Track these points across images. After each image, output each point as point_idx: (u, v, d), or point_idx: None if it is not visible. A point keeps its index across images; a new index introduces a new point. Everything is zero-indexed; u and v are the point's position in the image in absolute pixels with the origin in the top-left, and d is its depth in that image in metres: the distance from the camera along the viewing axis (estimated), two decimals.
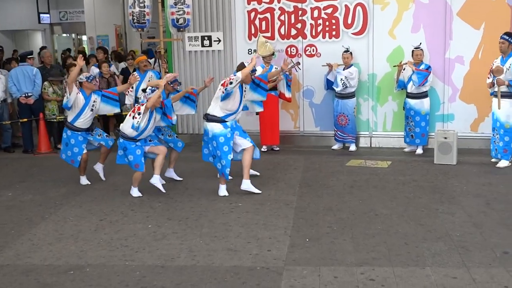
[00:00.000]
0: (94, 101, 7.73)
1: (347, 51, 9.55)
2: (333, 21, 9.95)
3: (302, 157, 9.22)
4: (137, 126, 6.89)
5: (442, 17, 9.51)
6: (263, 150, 9.50)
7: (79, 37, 22.89)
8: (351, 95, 9.62)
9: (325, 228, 5.84)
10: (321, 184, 7.60)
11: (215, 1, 10.43)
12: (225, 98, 6.98)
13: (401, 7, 9.66)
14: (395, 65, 9.40)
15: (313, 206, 6.62)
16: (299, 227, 5.90)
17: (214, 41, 10.51)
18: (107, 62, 11.69)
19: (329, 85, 9.71)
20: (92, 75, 8.03)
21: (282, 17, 10.16)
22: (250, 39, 10.30)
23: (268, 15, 10.22)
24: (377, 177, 7.88)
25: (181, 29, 9.68)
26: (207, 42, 10.55)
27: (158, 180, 7.18)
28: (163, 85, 7.19)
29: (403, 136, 9.60)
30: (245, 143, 7.14)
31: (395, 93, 9.67)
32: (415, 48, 9.25)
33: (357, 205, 6.59)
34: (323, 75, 9.72)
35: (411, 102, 9.26)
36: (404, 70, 9.27)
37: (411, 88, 9.18)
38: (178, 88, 7.71)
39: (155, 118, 7.19)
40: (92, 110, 7.75)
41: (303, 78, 10.15)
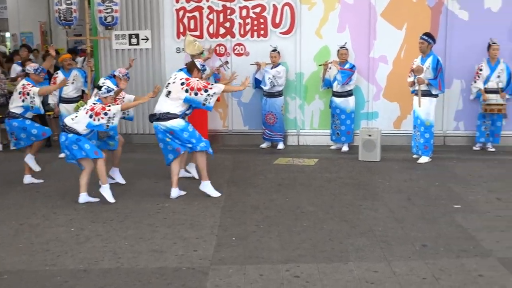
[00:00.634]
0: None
1: (274, 50, 9.64)
2: (261, 21, 10.02)
3: (230, 156, 9.24)
4: (97, 125, 6.65)
5: (366, 17, 9.76)
6: None
7: (1, 34, 21.99)
8: (279, 94, 9.71)
9: (252, 226, 5.87)
10: (249, 182, 7.64)
11: None
12: (189, 102, 6.81)
13: (328, 7, 9.85)
14: (321, 64, 9.57)
15: (241, 204, 6.64)
16: (226, 226, 5.90)
17: (142, 39, 10.38)
18: (31, 60, 11.30)
19: (257, 84, 9.77)
20: (40, 67, 7.94)
21: (210, 16, 10.15)
22: (178, 37, 10.23)
23: (196, 13, 10.18)
24: (304, 174, 8.00)
25: (109, 27, 9.50)
26: (134, 40, 10.39)
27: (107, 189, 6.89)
28: (147, 99, 7.17)
29: (330, 134, 9.79)
30: None
31: (322, 91, 9.84)
32: (340, 47, 9.45)
33: (284, 203, 6.66)
34: (252, 74, 9.77)
35: (337, 100, 9.46)
36: (330, 69, 9.44)
37: (336, 87, 9.37)
38: None
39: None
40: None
41: None
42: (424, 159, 8.56)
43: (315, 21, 9.91)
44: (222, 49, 10.13)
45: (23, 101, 7.56)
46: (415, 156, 8.74)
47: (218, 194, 6.96)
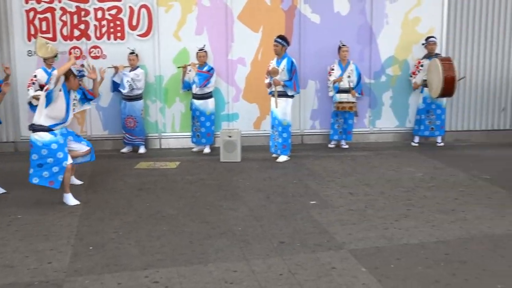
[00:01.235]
0: None
1: (132, 53, 9.48)
2: (118, 23, 9.80)
3: (89, 162, 8.90)
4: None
5: (223, 20, 9.90)
6: None
7: None
8: (139, 97, 9.57)
9: (110, 233, 5.71)
10: (108, 188, 7.44)
11: None
12: (49, 102, 6.51)
13: (185, 9, 9.85)
14: (179, 67, 9.57)
15: (99, 212, 6.43)
16: (83, 235, 5.69)
17: None
18: None
19: (115, 87, 9.55)
20: None
21: (64, 18, 9.74)
22: (29, 40, 9.71)
23: (49, 15, 9.73)
24: (165, 178, 7.94)
25: None
26: None
27: None
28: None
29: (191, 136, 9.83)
30: (81, 147, 6.99)
31: (182, 94, 9.84)
32: (199, 50, 9.51)
33: (144, 208, 6.56)
34: (109, 77, 9.52)
35: (197, 102, 9.51)
36: (190, 71, 9.46)
37: (195, 89, 9.41)
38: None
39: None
40: None
41: (88, 80, 9.80)
42: (283, 158, 8.85)
43: (173, 24, 9.88)
44: (77, 51, 9.76)
45: None
46: (274, 155, 9.01)
47: (76, 202, 6.71)
